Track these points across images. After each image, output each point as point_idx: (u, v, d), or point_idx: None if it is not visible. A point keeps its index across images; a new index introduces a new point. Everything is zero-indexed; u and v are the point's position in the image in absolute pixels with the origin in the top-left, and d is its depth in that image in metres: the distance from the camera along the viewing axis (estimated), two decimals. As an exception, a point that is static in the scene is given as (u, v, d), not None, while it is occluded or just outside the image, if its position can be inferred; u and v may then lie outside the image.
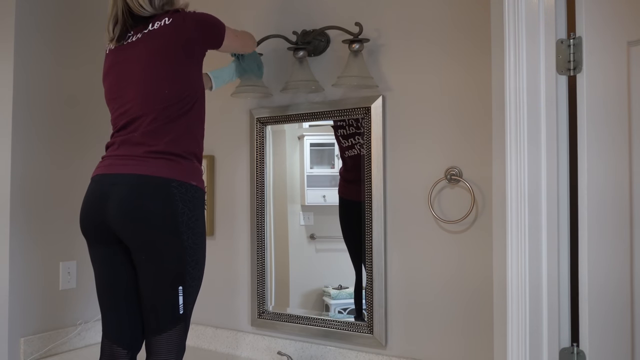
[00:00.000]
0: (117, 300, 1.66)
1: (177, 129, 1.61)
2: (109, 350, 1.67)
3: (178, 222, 1.55)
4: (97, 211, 1.60)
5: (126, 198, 1.55)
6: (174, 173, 1.57)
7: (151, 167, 1.56)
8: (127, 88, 1.66)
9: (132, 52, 1.68)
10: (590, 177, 1.37)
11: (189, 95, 1.64)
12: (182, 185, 1.57)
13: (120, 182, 1.57)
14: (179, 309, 1.58)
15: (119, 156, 1.62)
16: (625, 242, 1.35)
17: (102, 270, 1.67)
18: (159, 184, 1.55)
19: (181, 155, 1.60)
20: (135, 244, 1.57)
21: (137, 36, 1.68)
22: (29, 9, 2.25)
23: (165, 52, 1.63)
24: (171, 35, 1.64)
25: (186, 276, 1.58)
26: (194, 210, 1.59)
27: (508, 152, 1.46)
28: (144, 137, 1.59)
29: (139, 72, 1.64)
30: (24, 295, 2.23)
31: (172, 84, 1.62)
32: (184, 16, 1.67)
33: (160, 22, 1.66)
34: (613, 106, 1.36)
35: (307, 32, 2.14)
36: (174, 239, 1.55)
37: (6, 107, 2.22)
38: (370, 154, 2.03)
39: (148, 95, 1.61)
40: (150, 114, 1.60)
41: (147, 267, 1.57)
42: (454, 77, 1.90)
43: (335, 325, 2.10)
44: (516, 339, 1.45)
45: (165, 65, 1.63)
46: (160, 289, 1.57)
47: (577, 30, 1.40)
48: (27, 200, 2.25)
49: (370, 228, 2.02)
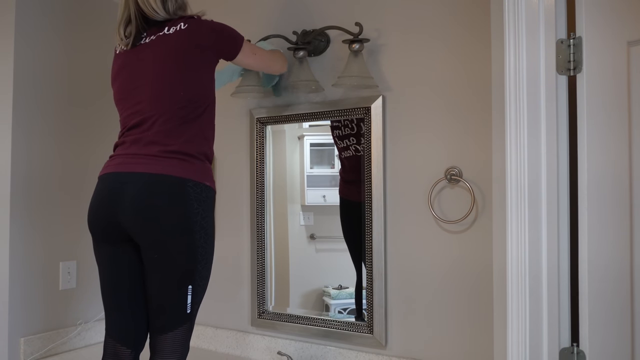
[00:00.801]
0: (121, 299, 1.67)
1: (191, 130, 1.63)
2: (112, 349, 1.67)
3: (192, 221, 1.56)
4: (107, 210, 1.60)
5: (139, 196, 1.55)
6: (189, 173, 1.58)
7: (166, 166, 1.57)
8: (140, 88, 1.66)
9: (146, 54, 1.68)
10: (590, 175, 1.37)
11: (202, 99, 1.66)
12: (197, 185, 1.59)
13: (133, 181, 1.57)
14: (187, 308, 1.59)
15: (131, 155, 1.62)
16: (625, 241, 1.35)
17: (107, 269, 1.67)
18: (175, 183, 1.56)
19: (195, 156, 1.62)
20: (147, 242, 1.57)
21: (150, 38, 1.69)
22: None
23: (180, 55, 1.64)
24: (185, 40, 1.65)
25: (196, 275, 1.58)
26: (207, 210, 1.60)
27: (508, 152, 1.46)
28: (158, 136, 1.60)
29: (153, 73, 1.65)
30: (24, 295, 2.23)
31: (186, 87, 1.63)
32: (199, 23, 1.69)
33: (176, 27, 1.67)
34: (613, 106, 1.36)
35: (307, 32, 2.14)
36: (187, 238, 1.56)
37: (6, 106, 2.21)
38: (370, 154, 2.03)
39: (163, 96, 1.62)
40: (164, 114, 1.61)
41: (157, 265, 1.58)
42: (454, 77, 1.90)
43: (335, 325, 2.10)
44: (516, 339, 1.45)
45: (179, 68, 1.64)
46: (170, 288, 1.58)
47: (577, 30, 1.40)
48: (28, 199, 2.25)
49: (370, 228, 2.02)
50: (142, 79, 1.66)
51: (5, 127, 2.21)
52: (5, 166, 2.21)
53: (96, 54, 2.51)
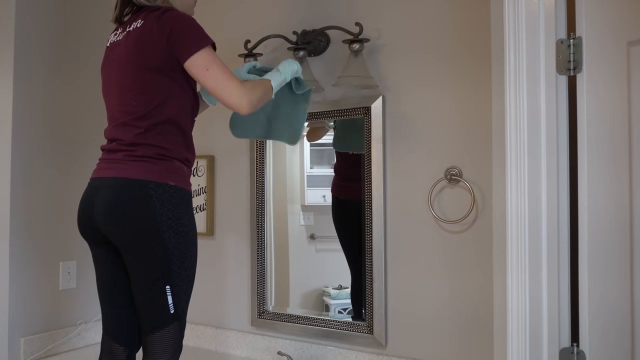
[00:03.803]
0: (114, 298, 1.69)
1: (157, 129, 1.60)
2: (108, 347, 1.69)
3: (157, 222, 1.55)
4: (87, 213, 1.64)
5: (108, 200, 1.58)
6: (152, 174, 1.57)
7: (129, 169, 1.58)
8: (110, 94, 1.68)
9: (114, 55, 1.67)
10: (590, 175, 1.37)
11: (163, 101, 1.59)
12: (160, 186, 1.57)
13: (105, 185, 1.61)
14: (169, 308, 1.59)
15: (106, 160, 1.65)
16: (625, 242, 1.35)
17: (99, 269, 1.71)
18: (136, 186, 1.57)
19: (160, 157, 1.59)
20: (121, 245, 1.60)
21: (122, 34, 1.67)
22: (28, 23, 2.25)
23: (133, 58, 1.60)
24: (139, 39, 1.60)
25: (172, 276, 1.58)
26: (174, 210, 1.58)
27: (508, 152, 1.46)
28: (125, 140, 1.61)
29: (116, 79, 1.65)
30: (24, 295, 2.23)
31: (142, 92, 1.59)
32: (157, 17, 1.59)
33: (136, 23, 1.62)
34: (613, 106, 1.36)
35: (307, 32, 2.14)
36: (155, 240, 1.56)
37: (6, 107, 2.21)
38: (370, 154, 2.02)
39: (123, 104, 1.62)
40: (129, 118, 1.60)
41: (135, 267, 1.60)
42: (454, 77, 1.90)
43: (335, 325, 2.10)
44: (516, 338, 1.45)
45: (133, 74, 1.60)
46: (148, 289, 1.59)
47: (577, 30, 1.40)
48: (28, 200, 2.25)
49: (370, 228, 2.02)
50: (110, 84, 1.68)
51: (6, 126, 2.21)
52: (6, 167, 2.21)
53: (98, 64, 2.52)
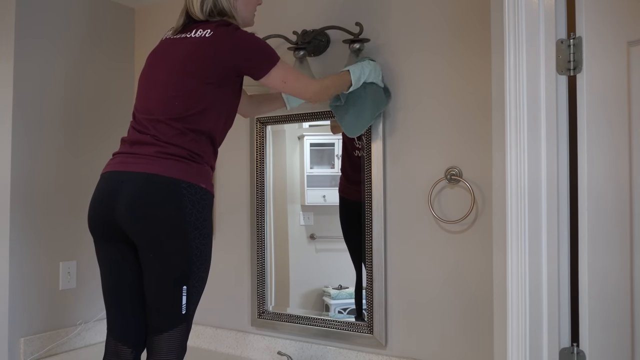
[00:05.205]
0: (122, 299, 1.67)
1: (192, 135, 1.62)
2: (113, 348, 1.68)
3: (186, 222, 1.56)
4: (105, 208, 1.61)
5: (134, 195, 1.56)
6: (184, 174, 1.58)
7: (162, 166, 1.57)
8: (154, 85, 1.67)
9: (167, 53, 1.69)
10: (591, 176, 1.37)
11: (208, 109, 1.63)
12: (192, 186, 1.58)
13: (130, 180, 1.58)
14: (182, 309, 1.58)
15: (131, 154, 1.63)
16: (625, 243, 1.35)
17: (108, 268, 1.68)
18: (169, 184, 1.56)
19: (191, 158, 1.61)
20: (143, 242, 1.58)
21: (180, 35, 1.69)
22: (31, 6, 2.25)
23: (193, 63, 1.62)
24: (203, 49, 1.62)
25: (191, 276, 1.58)
26: (201, 211, 1.59)
27: (508, 152, 1.46)
28: (158, 137, 1.60)
29: (164, 76, 1.65)
30: (24, 295, 2.23)
31: (192, 96, 1.61)
32: (228, 33, 1.63)
33: (203, 32, 1.64)
34: (613, 106, 1.36)
35: (307, 32, 2.14)
36: (181, 239, 1.56)
37: (6, 106, 2.21)
38: (370, 154, 2.03)
39: (168, 100, 1.62)
40: (168, 117, 1.61)
41: (153, 265, 1.58)
42: (454, 77, 1.90)
43: (335, 325, 2.10)
44: (516, 338, 1.45)
45: (190, 75, 1.62)
46: (165, 288, 1.58)
47: (577, 30, 1.40)
48: (28, 200, 2.25)
49: (370, 228, 2.02)
50: (155, 78, 1.68)
51: (6, 127, 2.21)
52: (6, 166, 2.21)
53: (99, 58, 2.52)
